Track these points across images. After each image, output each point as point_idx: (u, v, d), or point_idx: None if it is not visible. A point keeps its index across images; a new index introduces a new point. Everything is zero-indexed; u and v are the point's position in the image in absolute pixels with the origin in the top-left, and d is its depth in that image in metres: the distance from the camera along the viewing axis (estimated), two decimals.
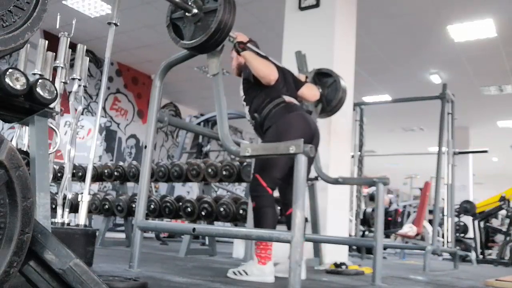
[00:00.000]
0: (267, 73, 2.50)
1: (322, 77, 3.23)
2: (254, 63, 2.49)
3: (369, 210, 7.04)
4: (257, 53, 2.57)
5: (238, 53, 2.51)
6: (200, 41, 2.10)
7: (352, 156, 5.39)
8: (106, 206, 4.45)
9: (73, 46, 2.49)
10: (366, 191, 7.44)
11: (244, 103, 2.66)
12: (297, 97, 2.73)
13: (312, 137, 2.49)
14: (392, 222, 7.53)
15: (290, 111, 2.50)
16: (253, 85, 2.60)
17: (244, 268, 2.31)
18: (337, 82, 3.16)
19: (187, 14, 2.19)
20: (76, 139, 2.59)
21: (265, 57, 2.61)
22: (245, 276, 2.27)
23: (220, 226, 2.63)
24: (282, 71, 2.69)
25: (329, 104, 3.16)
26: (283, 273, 2.46)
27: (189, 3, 2.17)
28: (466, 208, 7.14)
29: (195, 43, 2.12)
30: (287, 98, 2.57)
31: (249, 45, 2.53)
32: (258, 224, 2.37)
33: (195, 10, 2.16)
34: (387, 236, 6.59)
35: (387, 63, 7.57)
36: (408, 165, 14.12)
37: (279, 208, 2.91)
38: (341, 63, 3.96)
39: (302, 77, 2.97)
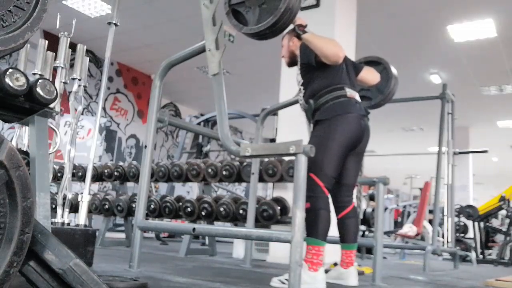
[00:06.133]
0: (335, 50, 2.28)
1: (371, 66, 2.97)
2: (318, 43, 2.30)
3: (369, 210, 7.04)
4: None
5: (299, 36, 2.34)
6: (268, 24, 1.99)
7: None
8: (106, 206, 4.45)
9: (73, 46, 2.49)
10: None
11: (301, 87, 2.48)
12: (356, 85, 2.55)
13: (360, 140, 2.39)
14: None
15: (349, 110, 2.30)
16: (313, 69, 2.40)
17: None
18: (387, 70, 2.95)
19: None
20: (76, 139, 2.59)
21: None
22: None
23: (220, 226, 2.63)
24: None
25: (382, 93, 2.95)
26: (333, 279, 2.40)
27: None
28: (469, 213, 7.10)
29: (263, 26, 2.02)
30: (349, 92, 2.36)
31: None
32: (311, 227, 2.19)
33: None
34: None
35: None
36: (408, 165, 14.12)
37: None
38: None
39: None
